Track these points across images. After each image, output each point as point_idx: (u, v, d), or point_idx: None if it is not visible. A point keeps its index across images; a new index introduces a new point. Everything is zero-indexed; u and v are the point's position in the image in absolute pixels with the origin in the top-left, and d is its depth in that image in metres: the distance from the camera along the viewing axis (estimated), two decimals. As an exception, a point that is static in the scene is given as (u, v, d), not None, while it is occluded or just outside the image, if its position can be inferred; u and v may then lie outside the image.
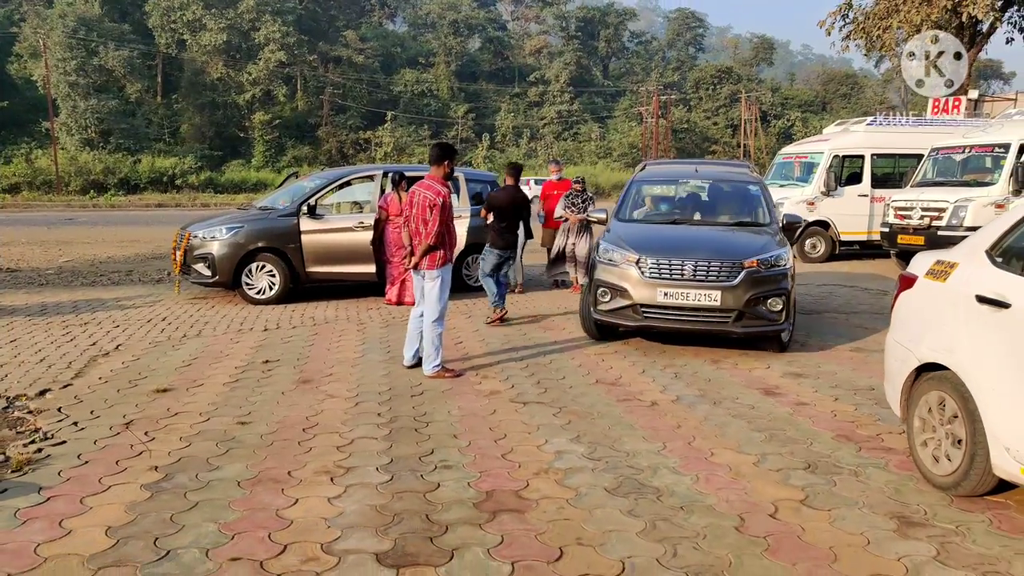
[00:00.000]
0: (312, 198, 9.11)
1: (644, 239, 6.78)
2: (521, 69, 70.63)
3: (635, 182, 8.15)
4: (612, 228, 7.26)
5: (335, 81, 60.19)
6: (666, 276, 6.30)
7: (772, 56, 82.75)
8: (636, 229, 7.21)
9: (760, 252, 6.43)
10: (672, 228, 7.24)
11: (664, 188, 8.77)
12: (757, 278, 6.25)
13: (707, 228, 7.23)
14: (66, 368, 5.88)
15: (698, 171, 8.49)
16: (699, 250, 6.42)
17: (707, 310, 6.24)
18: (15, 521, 3.26)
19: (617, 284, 6.46)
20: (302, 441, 4.32)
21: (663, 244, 6.61)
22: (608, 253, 6.69)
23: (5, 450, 4.12)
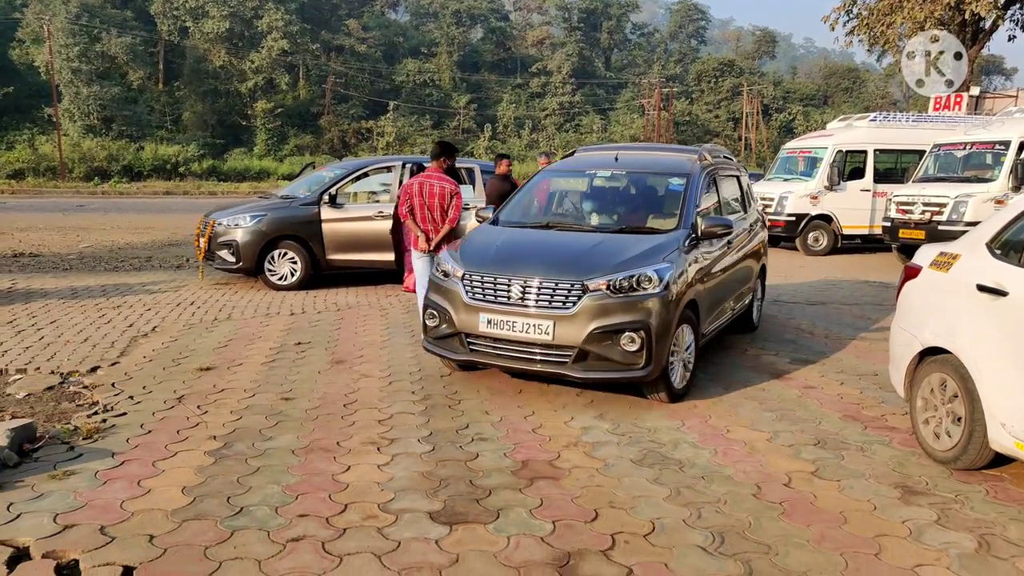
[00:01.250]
0: (333, 188, 9.39)
1: (481, 248, 5.25)
2: (523, 60, 70.68)
3: (543, 173, 6.65)
4: (471, 235, 5.81)
5: (337, 70, 60.25)
6: (489, 298, 4.80)
7: (774, 49, 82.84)
8: (491, 236, 5.52)
9: (617, 269, 4.73)
10: (527, 234, 5.54)
11: (570, 181, 6.78)
12: (606, 305, 4.60)
13: (575, 235, 5.44)
14: (110, 347, 6.17)
15: (619, 160, 6.31)
16: (535, 264, 4.85)
17: (538, 346, 4.67)
18: (96, 481, 3.56)
19: (441, 305, 5.01)
20: (344, 416, 4.62)
21: (496, 256, 5.08)
22: (442, 265, 5.21)
23: (70, 420, 4.42)
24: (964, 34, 20.25)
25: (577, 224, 5.84)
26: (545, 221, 5.88)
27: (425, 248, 6.47)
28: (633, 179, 6.27)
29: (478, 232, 5.76)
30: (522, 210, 6.13)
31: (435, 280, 5.22)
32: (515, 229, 5.66)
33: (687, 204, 5.55)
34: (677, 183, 5.90)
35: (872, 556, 3.05)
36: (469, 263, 5.04)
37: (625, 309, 4.61)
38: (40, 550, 2.93)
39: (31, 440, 4.00)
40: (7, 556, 2.88)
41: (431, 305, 5.12)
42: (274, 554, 2.95)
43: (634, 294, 4.65)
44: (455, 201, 6.46)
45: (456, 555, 2.99)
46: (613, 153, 6.50)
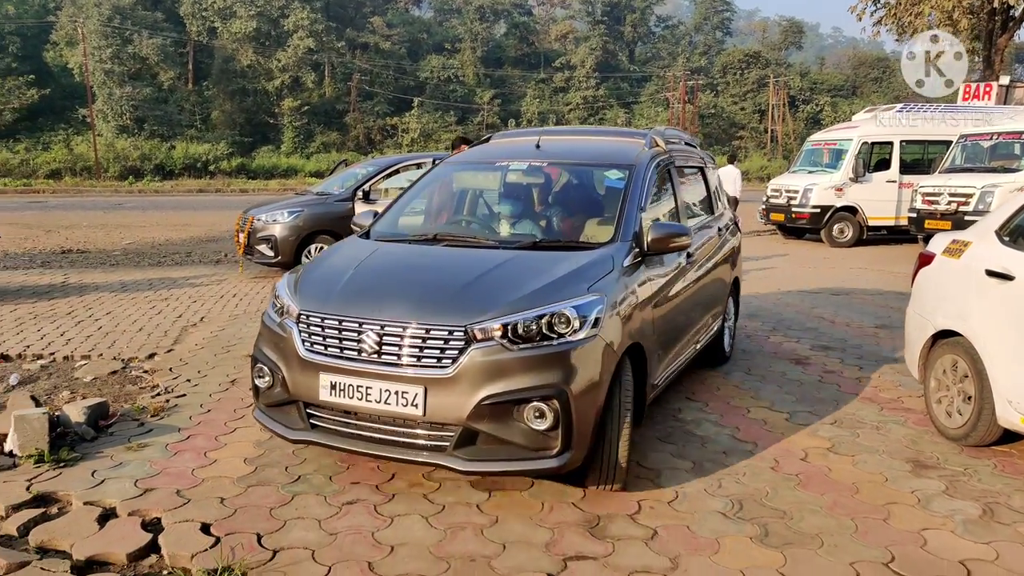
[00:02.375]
0: (366, 184, 9.74)
1: (330, 276, 3.73)
2: (547, 54, 70.73)
3: (443, 167, 5.05)
4: (322, 254, 4.36)
5: (362, 67, 60.85)
6: (334, 351, 3.31)
7: (801, 40, 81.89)
8: (349, 255, 3.99)
9: (518, 306, 3.21)
10: (402, 254, 4.05)
11: (479, 177, 5.10)
12: (502, 362, 3.11)
13: (469, 254, 3.89)
14: (163, 336, 6.56)
15: (540, 147, 4.73)
16: (398, 299, 3.34)
17: (405, 424, 3.20)
18: (167, 452, 3.92)
19: (272, 359, 3.50)
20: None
21: (347, 287, 3.55)
22: (277, 300, 3.69)
23: (136, 400, 4.79)
24: (994, 22, 20.10)
25: (479, 237, 4.22)
26: (432, 233, 4.17)
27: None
28: (557, 174, 4.74)
29: (334, 251, 4.18)
30: (407, 218, 4.63)
31: (267, 323, 3.63)
32: (390, 245, 4.07)
33: (628, 206, 4.01)
34: (615, 178, 4.34)
35: (881, 521, 3.29)
36: (308, 298, 3.48)
37: (530, 367, 3.08)
38: (126, 510, 3.29)
39: (104, 417, 4.37)
40: (97, 514, 3.23)
41: (260, 358, 3.56)
42: (332, 515, 3.27)
43: (544, 344, 3.12)
44: None
45: (496, 516, 3.29)
46: (534, 139, 4.83)
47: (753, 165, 50.00)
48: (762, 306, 8.13)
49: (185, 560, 2.89)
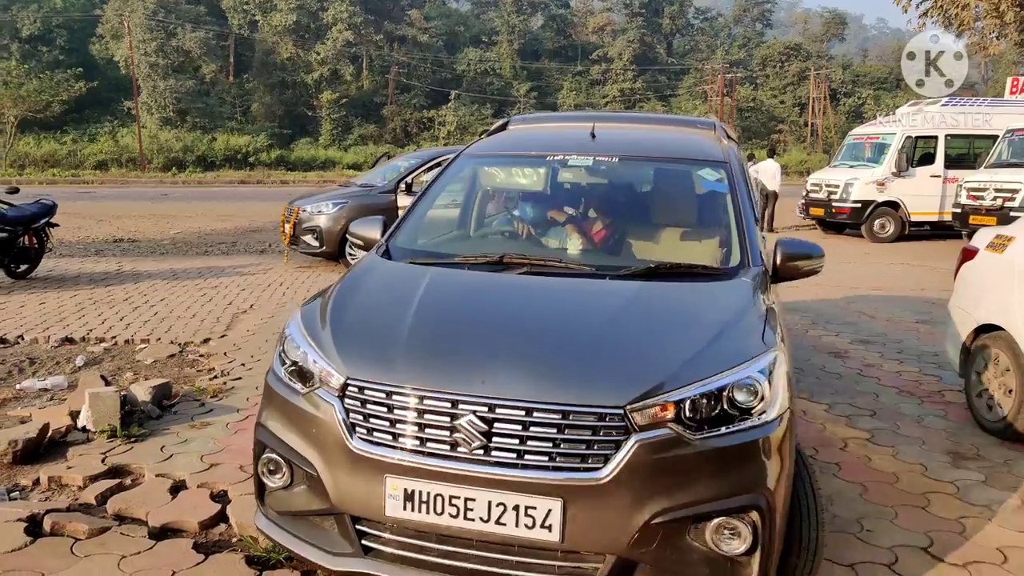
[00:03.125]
0: (408, 176, 9.94)
1: (375, 321, 2.66)
2: (584, 47, 70.45)
3: (466, 159, 3.87)
4: (347, 280, 2.99)
5: (400, 60, 61.31)
6: (408, 442, 2.23)
7: (844, 31, 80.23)
8: (392, 285, 2.95)
9: (692, 370, 2.24)
10: (468, 283, 2.95)
11: (513, 174, 4.04)
12: (678, 460, 2.14)
13: (564, 286, 2.85)
14: (216, 323, 6.83)
15: (596, 138, 3.71)
16: (510, 362, 2.30)
17: (525, 551, 2.19)
18: (229, 431, 4.14)
19: (292, 447, 2.43)
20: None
21: (420, 341, 2.48)
22: (291, 352, 2.59)
23: (194, 382, 5.04)
24: (1045, 14, 19.52)
25: (566, 262, 3.04)
26: (496, 254, 3.00)
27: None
28: (628, 173, 3.74)
29: (361, 280, 2.95)
30: (438, 227, 3.70)
31: (277, 388, 2.54)
32: (443, 273, 2.92)
33: (744, 217, 3.15)
34: (714, 179, 3.44)
35: (920, 509, 3.36)
36: (356, 356, 2.39)
37: (718, 465, 2.16)
38: (194, 482, 3.50)
39: (168, 397, 4.61)
40: (168, 486, 3.45)
41: (270, 443, 2.48)
42: (387, 491, 3.44)
43: (733, 430, 2.18)
44: None
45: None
46: (585, 126, 3.82)
47: (792, 159, 49.28)
48: (801, 300, 8.14)
49: (252, 530, 3.06)
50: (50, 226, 9.04)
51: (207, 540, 3.05)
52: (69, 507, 3.25)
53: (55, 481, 3.52)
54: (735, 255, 3.03)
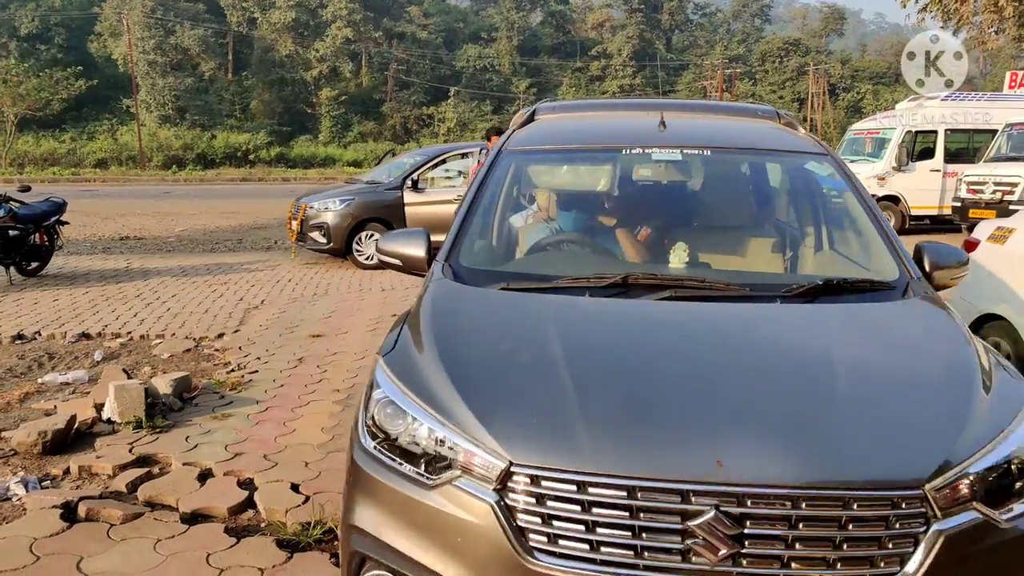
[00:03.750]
0: (414, 173, 10.04)
1: (516, 371, 1.94)
2: (583, 43, 70.47)
3: (509, 156, 3.09)
4: (435, 311, 2.24)
5: (399, 57, 61.34)
6: (616, 552, 1.56)
7: (843, 26, 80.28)
8: (498, 319, 2.25)
9: (974, 432, 1.70)
10: (622, 315, 2.23)
11: (577, 173, 3.63)
12: (987, 551, 1.61)
13: (744, 313, 2.22)
14: (228, 318, 6.94)
15: (667, 126, 2.98)
16: (749, 431, 1.65)
17: None
18: (250, 422, 4.24)
19: (430, 568, 1.69)
20: (445, 375, 5.22)
21: (601, 403, 1.76)
22: (393, 421, 1.86)
23: (212, 376, 5.14)
24: (1044, 8, 19.61)
25: (688, 278, 2.43)
26: (618, 274, 2.34)
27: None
28: (728, 167, 3.27)
29: (456, 311, 2.31)
30: (513, 241, 3.04)
31: (375, 474, 1.84)
32: (555, 301, 2.27)
33: (879, 218, 2.70)
34: (825, 172, 2.99)
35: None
36: (514, 432, 1.71)
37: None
38: (221, 470, 3.61)
39: (188, 390, 4.71)
40: (196, 474, 3.56)
41: (378, 555, 1.82)
42: (408, 478, 3.55)
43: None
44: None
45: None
46: (637, 114, 3.51)
47: (791, 154, 49.28)
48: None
49: (280, 515, 3.19)
50: (60, 224, 9.14)
51: (237, 525, 3.15)
52: (101, 495, 3.35)
53: (85, 470, 3.62)
54: (891, 265, 2.49)
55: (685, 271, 2.60)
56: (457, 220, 2.73)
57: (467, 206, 2.78)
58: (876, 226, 2.66)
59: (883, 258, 2.57)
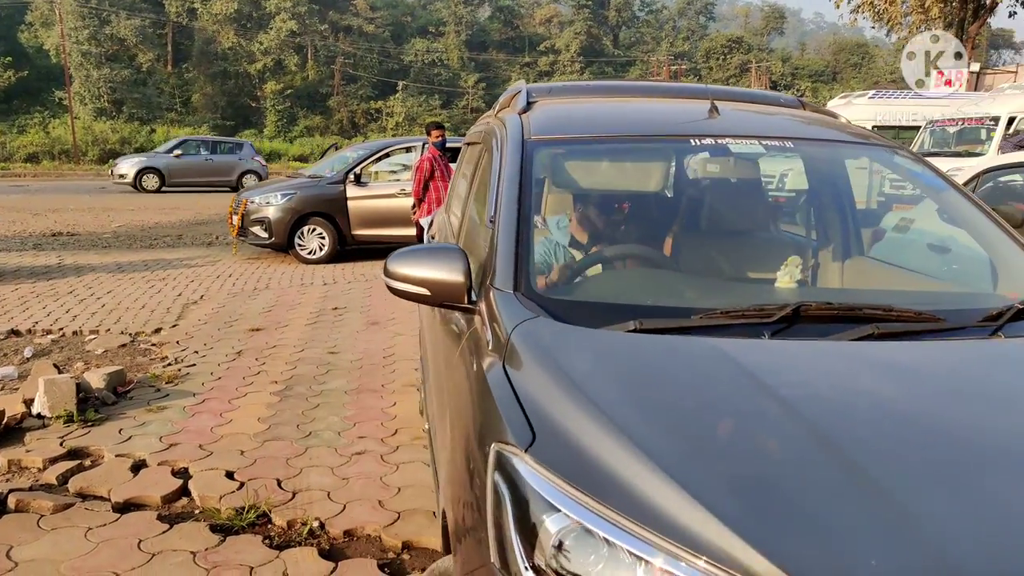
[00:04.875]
0: (357, 167, 10.03)
1: (758, 464, 1.25)
2: (531, 39, 70.75)
3: (535, 146, 2.28)
4: (558, 367, 1.52)
5: (346, 50, 60.59)
6: None
7: (783, 25, 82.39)
8: (670, 380, 1.52)
9: None
10: (849, 372, 1.54)
11: (626, 171, 2.81)
12: None
13: (987, 357, 1.68)
14: (166, 313, 6.86)
15: (721, 114, 2.44)
16: None
17: None
18: (186, 414, 4.25)
19: None
20: (385, 366, 5.29)
21: (921, 515, 1.12)
22: (582, 549, 1.18)
23: (148, 370, 5.11)
24: (965, 10, 20.61)
25: (868, 306, 1.79)
26: (788, 305, 1.70)
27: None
28: (818, 163, 2.78)
29: (596, 369, 1.53)
30: (569, 259, 2.37)
31: None
32: (734, 347, 1.58)
33: (998, 220, 2.29)
34: (917, 169, 2.51)
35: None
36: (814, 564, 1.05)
37: None
38: (155, 460, 3.62)
39: (122, 383, 4.68)
40: (129, 465, 3.57)
41: None
42: (343, 463, 3.63)
43: None
44: (417, 174, 7.51)
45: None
46: (683, 102, 2.90)
47: (734, 150, 50.44)
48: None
49: (214, 501, 3.23)
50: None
51: (170, 512, 3.19)
52: (31, 487, 3.35)
53: (15, 464, 3.59)
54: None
55: (843, 296, 2.13)
56: (505, 230, 1.97)
57: (512, 212, 2.02)
58: (1000, 228, 2.21)
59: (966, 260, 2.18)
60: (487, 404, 1.55)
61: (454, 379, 1.95)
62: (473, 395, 1.68)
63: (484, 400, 1.58)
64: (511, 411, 1.44)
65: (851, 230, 2.67)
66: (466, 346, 1.89)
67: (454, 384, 1.93)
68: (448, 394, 2.00)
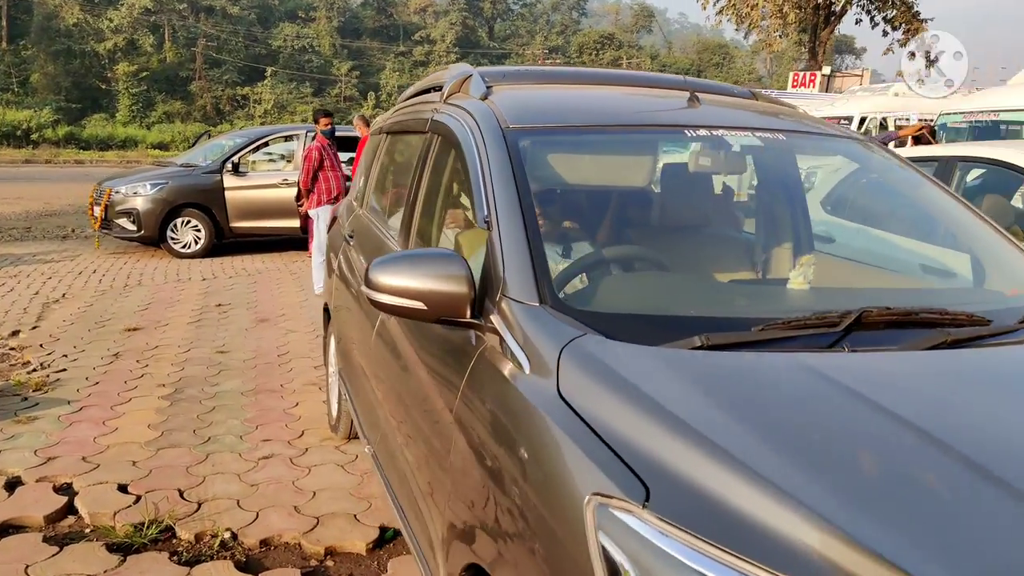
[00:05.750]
0: (235, 156, 9.49)
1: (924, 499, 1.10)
2: (406, 27, 69.73)
3: (518, 136, 2.01)
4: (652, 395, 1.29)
5: (208, 32, 57.23)
6: None
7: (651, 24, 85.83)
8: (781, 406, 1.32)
9: None
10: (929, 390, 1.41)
11: (608, 164, 2.57)
12: None
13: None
14: (23, 313, 6.21)
15: (701, 104, 2.31)
16: None
17: None
18: (62, 424, 3.86)
19: None
20: (281, 364, 5.04)
21: None
22: None
23: (10, 376, 4.60)
24: (818, 16, 22.26)
25: (907, 311, 1.62)
26: (846, 315, 1.53)
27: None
28: (787, 157, 2.61)
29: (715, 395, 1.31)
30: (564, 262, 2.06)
31: None
32: (812, 363, 1.42)
33: (980, 214, 2.24)
34: (895, 163, 2.44)
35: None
36: None
37: None
38: (32, 476, 3.26)
39: (-19, 393, 4.19)
40: (3, 482, 3.19)
41: None
42: (249, 469, 3.42)
43: None
44: (306, 163, 7.11)
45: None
46: (674, 93, 2.54)
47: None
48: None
49: (107, 518, 2.95)
50: None
51: (56, 533, 2.88)
52: None
53: None
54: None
55: (894, 298, 1.94)
56: (510, 232, 1.72)
57: (514, 210, 1.77)
58: (985, 224, 2.17)
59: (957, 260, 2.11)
60: (544, 441, 1.33)
61: (461, 405, 1.65)
62: (515, 430, 1.43)
63: (539, 436, 1.35)
64: (599, 454, 1.21)
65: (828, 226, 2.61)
66: (480, 368, 1.62)
67: (466, 412, 1.63)
68: (441, 422, 1.74)
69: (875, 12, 22.41)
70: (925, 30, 22.10)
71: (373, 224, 3.12)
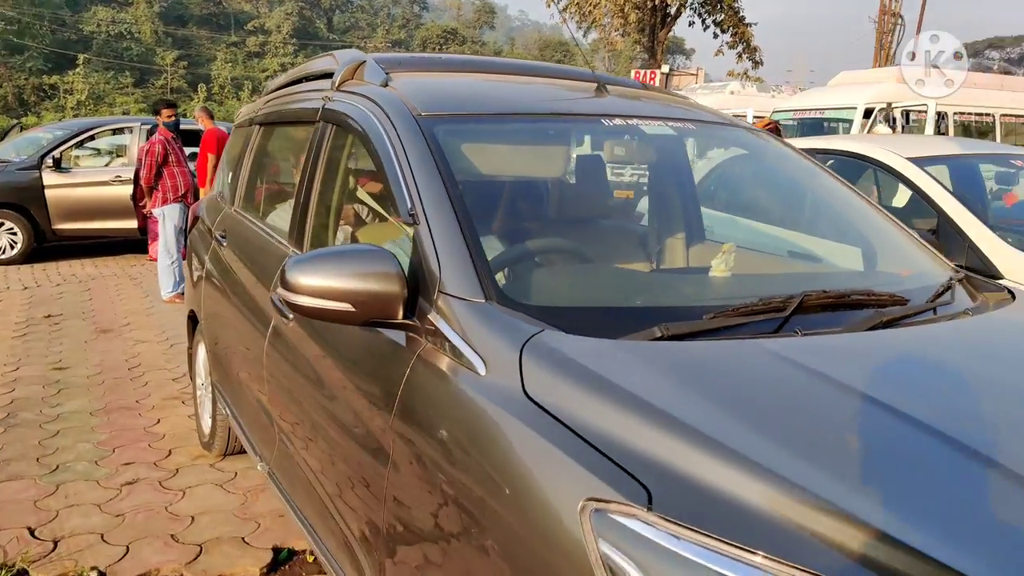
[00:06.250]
0: (55, 150, 8.50)
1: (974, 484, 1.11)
2: (237, 16, 66.11)
3: (432, 125, 1.88)
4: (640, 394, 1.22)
5: (6, 15, 51.17)
6: None
7: (493, 20, 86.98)
8: (756, 394, 1.30)
9: None
10: (892, 359, 1.51)
11: (523, 155, 2.28)
12: None
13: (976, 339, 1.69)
14: None
15: (608, 93, 2.39)
16: None
17: None
18: None
19: None
20: (134, 378, 4.56)
21: None
22: None
23: None
24: (655, 18, 23.47)
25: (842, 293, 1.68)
26: (790, 300, 1.55)
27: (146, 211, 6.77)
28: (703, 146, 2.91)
29: (696, 387, 1.29)
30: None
31: None
32: (768, 351, 1.43)
33: (867, 200, 2.40)
34: (789, 152, 2.51)
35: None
36: None
37: None
38: None
39: None
40: None
41: None
42: (112, 497, 3.04)
43: None
44: (147, 159, 6.45)
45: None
46: (580, 83, 2.56)
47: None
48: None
49: (-57, 572, 2.51)
50: None
51: None
52: None
53: None
54: (935, 260, 2.13)
55: (822, 282, 1.96)
56: (441, 226, 1.61)
57: (443, 202, 1.66)
58: (879, 213, 2.25)
59: (917, 253, 2.14)
60: (515, 447, 1.23)
61: (400, 415, 1.49)
62: (476, 437, 1.31)
63: (506, 441, 1.25)
64: (585, 456, 1.12)
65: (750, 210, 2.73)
66: (419, 373, 1.48)
67: (407, 421, 1.47)
68: (372, 434, 1.59)
69: (706, 15, 23.96)
70: (751, 35, 24.00)
71: (252, 223, 2.83)
